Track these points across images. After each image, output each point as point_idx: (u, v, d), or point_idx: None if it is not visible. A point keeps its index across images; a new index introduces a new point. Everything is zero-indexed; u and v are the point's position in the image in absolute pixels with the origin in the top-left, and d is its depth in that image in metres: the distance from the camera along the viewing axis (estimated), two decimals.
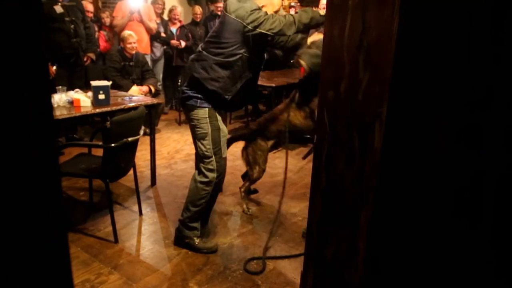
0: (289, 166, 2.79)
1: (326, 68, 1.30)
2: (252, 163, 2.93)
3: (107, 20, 5.39)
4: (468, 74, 1.14)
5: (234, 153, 4.07)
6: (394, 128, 1.11)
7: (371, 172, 1.14)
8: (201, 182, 2.40)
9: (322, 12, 2.21)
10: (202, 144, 2.38)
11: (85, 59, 4.56)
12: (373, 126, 1.12)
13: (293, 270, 2.32)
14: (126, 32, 4.62)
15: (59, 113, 2.77)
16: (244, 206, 3.05)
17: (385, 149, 1.11)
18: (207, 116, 2.36)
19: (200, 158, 2.43)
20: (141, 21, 5.35)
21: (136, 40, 4.67)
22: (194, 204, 2.43)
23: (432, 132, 1.16)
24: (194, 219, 2.47)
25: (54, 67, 4.08)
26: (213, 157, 2.39)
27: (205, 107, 2.35)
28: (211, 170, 2.38)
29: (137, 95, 3.97)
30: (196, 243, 2.49)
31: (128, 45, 4.53)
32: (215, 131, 2.38)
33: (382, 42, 1.09)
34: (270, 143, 2.94)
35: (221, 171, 2.44)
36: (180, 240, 2.52)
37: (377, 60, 1.11)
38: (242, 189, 3.10)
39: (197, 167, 2.47)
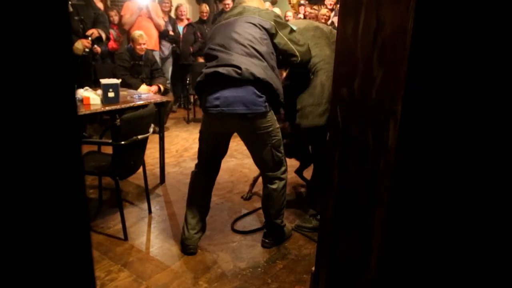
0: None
1: (339, 65, 1.29)
2: None
3: (115, 18, 5.41)
4: (477, 69, 1.11)
5: (243, 151, 4.08)
6: (408, 126, 1.09)
7: (386, 171, 1.12)
8: (283, 187, 2.36)
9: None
10: (279, 151, 2.29)
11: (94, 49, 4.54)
12: (387, 124, 1.10)
13: (303, 269, 2.31)
14: (136, 33, 4.61)
15: None
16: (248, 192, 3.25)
17: (399, 147, 1.09)
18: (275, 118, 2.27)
19: (271, 167, 2.31)
20: (150, 17, 5.37)
21: (145, 38, 4.67)
22: (283, 205, 2.41)
23: (446, 129, 1.14)
24: (282, 216, 2.48)
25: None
26: (284, 158, 2.35)
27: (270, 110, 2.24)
28: (285, 171, 2.36)
29: (146, 92, 3.98)
30: (287, 230, 2.58)
31: (138, 46, 4.53)
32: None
33: (396, 38, 1.07)
34: None
35: None
36: (277, 240, 2.54)
37: (391, 57, 1.09)
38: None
39: (268, 179, 2.35)
